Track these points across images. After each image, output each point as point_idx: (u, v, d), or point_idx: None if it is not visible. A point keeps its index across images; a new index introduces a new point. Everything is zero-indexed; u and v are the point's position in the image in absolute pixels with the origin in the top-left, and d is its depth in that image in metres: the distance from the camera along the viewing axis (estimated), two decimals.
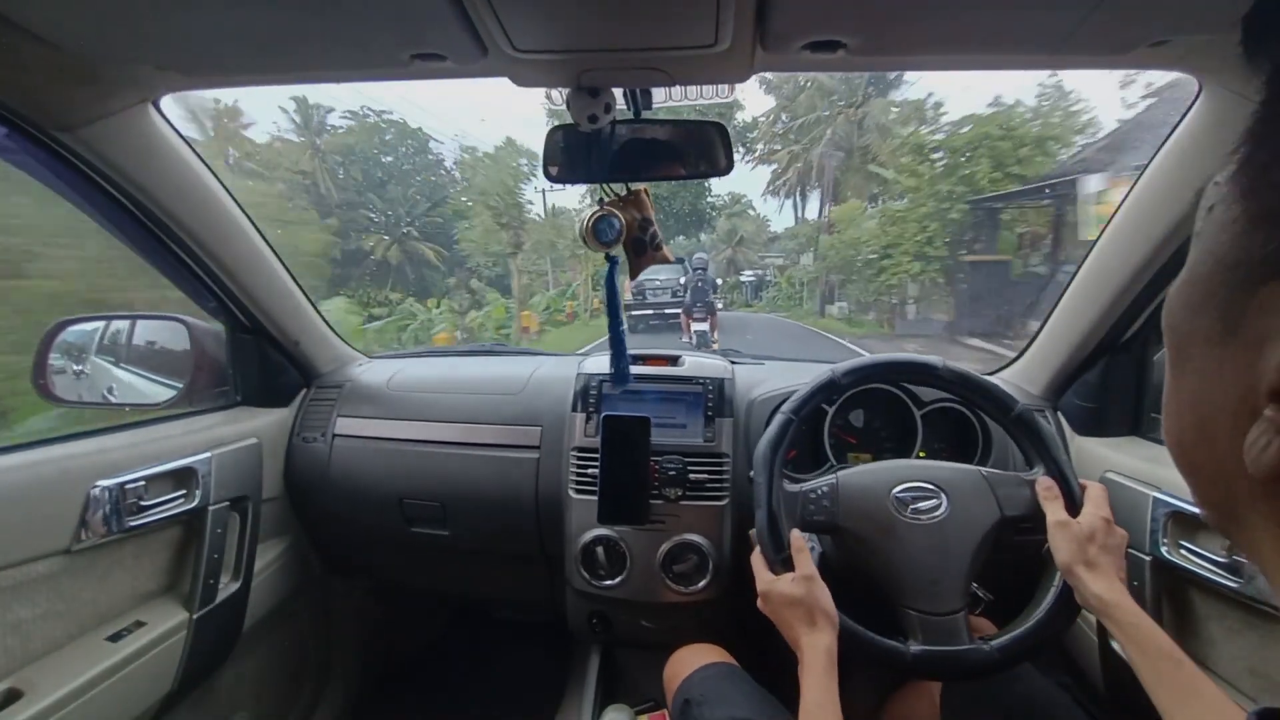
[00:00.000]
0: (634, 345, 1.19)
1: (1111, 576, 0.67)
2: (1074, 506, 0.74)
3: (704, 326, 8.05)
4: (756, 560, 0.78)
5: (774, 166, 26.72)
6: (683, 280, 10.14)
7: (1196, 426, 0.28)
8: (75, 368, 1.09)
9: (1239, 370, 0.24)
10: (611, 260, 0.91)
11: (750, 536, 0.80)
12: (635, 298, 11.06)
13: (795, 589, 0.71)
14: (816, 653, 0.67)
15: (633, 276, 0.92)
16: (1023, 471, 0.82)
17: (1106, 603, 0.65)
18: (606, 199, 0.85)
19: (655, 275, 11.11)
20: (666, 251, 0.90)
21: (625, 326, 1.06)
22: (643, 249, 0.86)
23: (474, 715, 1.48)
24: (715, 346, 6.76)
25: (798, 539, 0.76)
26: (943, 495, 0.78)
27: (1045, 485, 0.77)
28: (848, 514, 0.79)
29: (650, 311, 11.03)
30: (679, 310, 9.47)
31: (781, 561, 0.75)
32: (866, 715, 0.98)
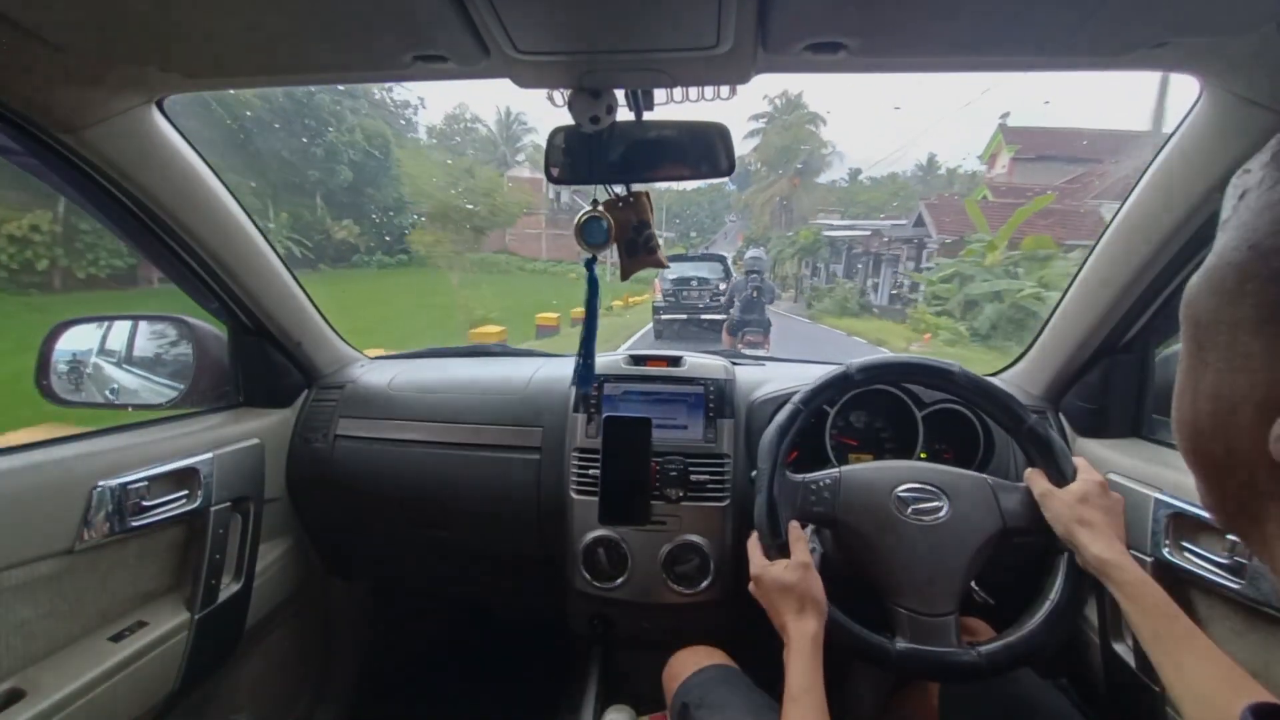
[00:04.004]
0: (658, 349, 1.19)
1: (1110, 537, 0.68)
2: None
3: (760, 352, 6.05)
4: (752, 545, 0.79)
5: None
6: (723, 286, 8.48)
7: (1214, 417, 0.27)
8: (78, 368, 1.09)
9: (1270, 360, 0.24)
10: (588, 263, 0.92)
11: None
12: (666, 299, 9.11)
13: (788, 575, 0.72)
14: (803, 638, 0.68)
15: (624, 278, 0.92)
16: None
17: (1106, 562, 0.65)
18: (602, 200, 0.86)
19: (692, 273, 9.39)
20: (660, 255, 0.90)
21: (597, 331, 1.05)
22: (635, 250, 0.87)
23: (475, 716, 1.48)
24: None
25: (796, 529, 0.77)
26: (945, 498, 0.78)
27: (1034, 471, 0.78)
28: (848, 508, 0.79)
29: (683, 316, 9.05)
30: (717, 316, 7.82)
31: (777, 548, 0.76)
32: (866, 718, 0.98)
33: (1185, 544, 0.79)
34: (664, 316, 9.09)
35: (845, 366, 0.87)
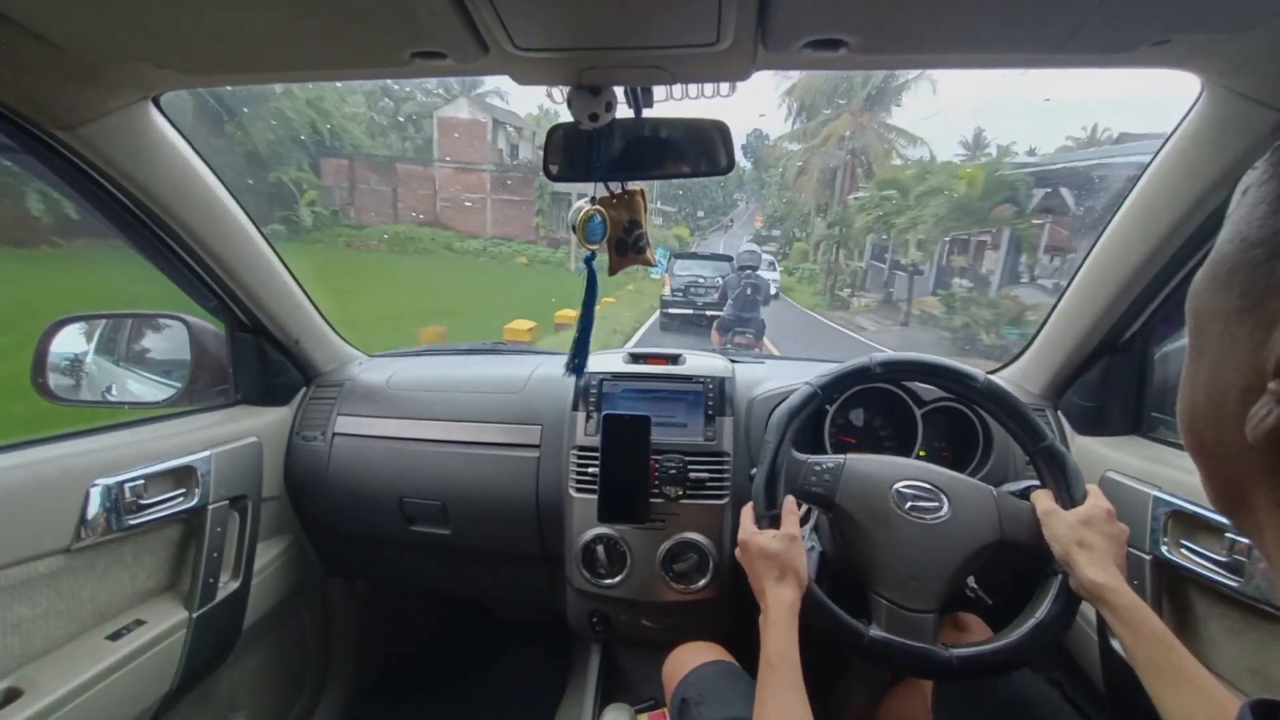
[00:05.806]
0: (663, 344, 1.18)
1: (1108, 562, 0.67)
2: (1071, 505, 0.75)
3: (751, 353, 5.52)
4: (745, 512, 0.80)
5: None
6: (721, 279, 8.34)
7: (1209, 405, 0.28)
8: (74, 366, 1.09)
9: (1252, 347, 0.25)
10: (588, 260, 0.92)
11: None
12: (674, 294, 9.62)
13: (774, 544, 0.73)
14: (780, 605, 0.69)
15: (611, 273, 0.93)
16: (1025, 480, 0.82)
17: (1100, 586, 0.65)
18: (599, 197, 0.86)
19: (701, 271, 9.74)
20: (649, 254, 0.91)
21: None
22: (624, 250, 0.87)
23: (474, 714, 1.48)
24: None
25: (790, 503, 0.78)
26: (945, 500, 0.78)
27: (1042, 491, 0.78)
28: (846, 494, 0.80)
29: (690, 311, 9.44)
30: (719, 313, 7.46)
31: (769, 519, 0.77)
32: (861, 713, 0.98)
33: (1184, 542, 0.79)
34: (672, 311, 9.74)
35: (868, 359, 0.87)
